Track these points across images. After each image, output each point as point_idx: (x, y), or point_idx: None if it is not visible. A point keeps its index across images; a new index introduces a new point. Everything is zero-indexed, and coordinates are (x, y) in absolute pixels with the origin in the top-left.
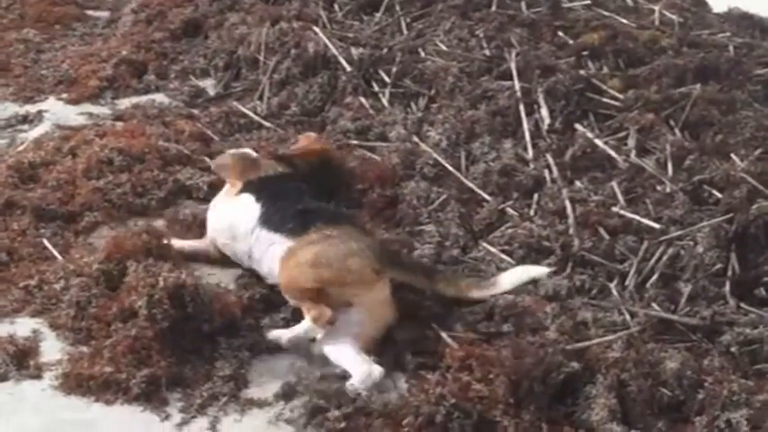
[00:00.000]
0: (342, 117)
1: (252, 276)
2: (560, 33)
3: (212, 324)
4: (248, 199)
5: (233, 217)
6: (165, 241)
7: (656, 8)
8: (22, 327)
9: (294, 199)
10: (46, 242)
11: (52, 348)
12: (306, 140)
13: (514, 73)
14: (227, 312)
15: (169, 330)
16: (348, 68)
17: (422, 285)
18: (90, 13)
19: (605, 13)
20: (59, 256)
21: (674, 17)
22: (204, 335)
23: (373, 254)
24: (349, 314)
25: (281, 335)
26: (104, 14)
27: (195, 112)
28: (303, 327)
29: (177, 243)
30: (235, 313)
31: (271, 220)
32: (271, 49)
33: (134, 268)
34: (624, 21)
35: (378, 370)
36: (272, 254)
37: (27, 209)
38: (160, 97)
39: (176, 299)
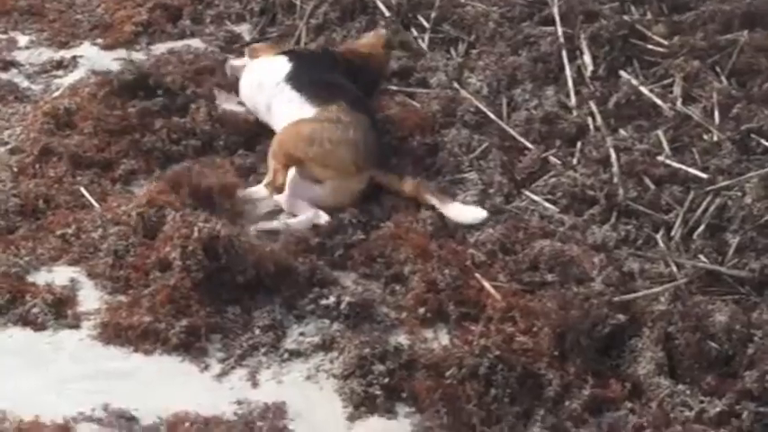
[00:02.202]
0: None
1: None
2: None
3: (246, 276)
4: (281, 58)
5: (264, 70)
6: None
7: None
8: (60, 275)
9: (324, 69)
10: (83, 190)
11: (90, 297)
12: (374, 38)
13: (557, 18)
14: (261, 265)
15: (206, 280)
16: (387, 13)
17: (394, 187)
18: None
19: None
20: (96, 205)
21: None
22: (241, 285)
23: (365, 150)
24: (313, 187)
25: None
26: None
27: (231, 57)
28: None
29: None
30: (268, 267)
31: (297, 80)
32: None
33: (172, 217)
34: None
35: (324, 217)
36: (288, 111)
37: (63, 156)
38: (196, 42)
39: (210, 250)
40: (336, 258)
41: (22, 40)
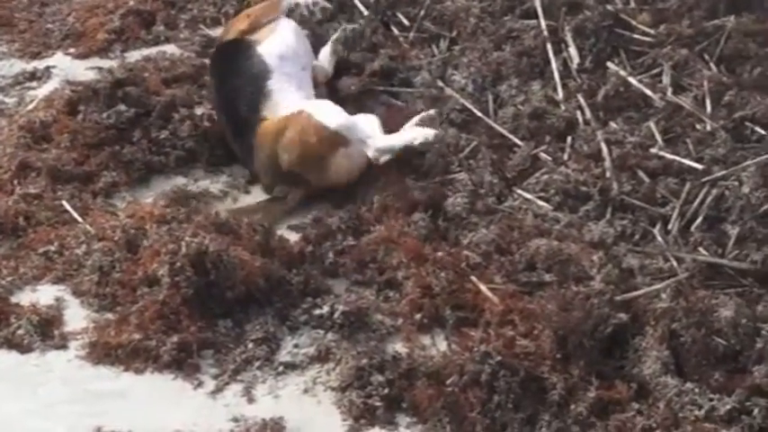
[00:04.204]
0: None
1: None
2: None
3: (236, 291)
4: None
5: None
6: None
7: None
8: (45, 294)
9: None
10: (66, 205)
11: (76, 316)
12: None
13: (539, 11)
14: (251, 280)
15: (195, 296)
16: (365, 12)
17: None
18: None
19: None
20: (81, 220)
21: None
22: (231, 300)
23: None
24: None
25: None
26: None
27: (208, 62)
28: None
29: None
30: (258, 281)
31: None
32: None
33: (155, 231)
34: None
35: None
36: None
37: (42, 171)
38: (171, 48)
39: (198, 266)
40: (327, 266)
41: None
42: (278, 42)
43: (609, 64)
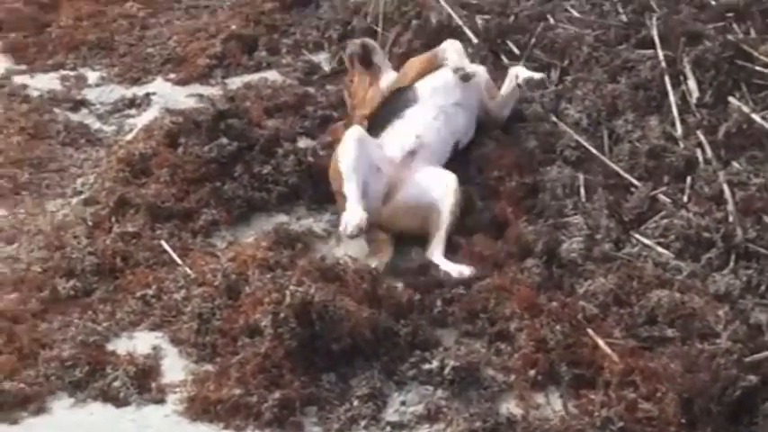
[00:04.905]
0: None
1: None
2: None
3: (341, 344)
4: None
5: None
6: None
7: None
8: (142, 342)
9: None
10: (166, 245)
11: (174, 366)
12: None
13: (656, 40)
14: (357, 332)
15: (299, 348)
16: (474, 39)
17: None
18: None
19: None
20: (180, 262)
21: None
22: (336, 353)
23: None
24: None
25: None
26: None
27: (311, 90)
28: None
29: None
30: (365, 333)
31: None
32: (389, 20)
33: (257, 278)
34: None
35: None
36: None
37: (141, 207)
38: (273, 75)
39: (303, 316)
40: (435, 315)
41: (92, 76)
42: (435, 78)
43: (730, 99)
